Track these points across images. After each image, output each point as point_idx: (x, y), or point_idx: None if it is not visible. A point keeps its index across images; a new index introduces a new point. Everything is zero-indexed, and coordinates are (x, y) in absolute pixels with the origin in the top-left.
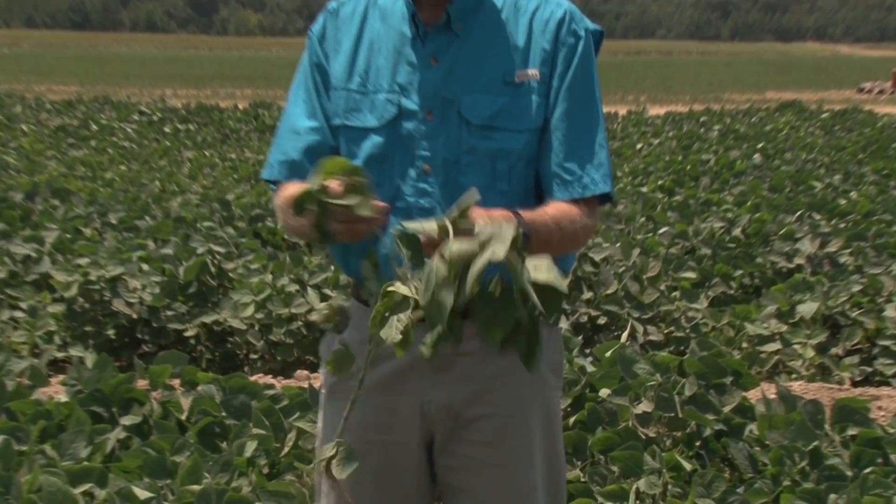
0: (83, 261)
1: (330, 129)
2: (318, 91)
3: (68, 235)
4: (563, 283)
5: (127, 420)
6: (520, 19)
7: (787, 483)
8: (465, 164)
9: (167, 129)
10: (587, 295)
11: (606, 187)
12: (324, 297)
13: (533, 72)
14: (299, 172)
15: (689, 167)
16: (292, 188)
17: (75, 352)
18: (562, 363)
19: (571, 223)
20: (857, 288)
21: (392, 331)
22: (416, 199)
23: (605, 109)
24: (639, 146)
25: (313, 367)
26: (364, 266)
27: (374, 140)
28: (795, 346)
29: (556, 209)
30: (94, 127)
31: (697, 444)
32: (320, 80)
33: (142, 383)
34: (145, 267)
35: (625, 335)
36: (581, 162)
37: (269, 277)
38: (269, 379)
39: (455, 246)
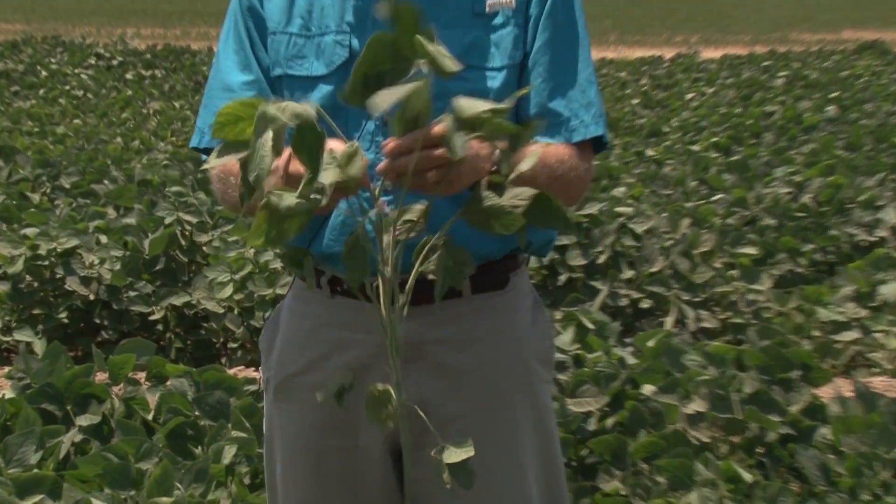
0: (30, 231)
1: (269, 81)
2: (252, 39)
3: (13, 202)
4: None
5: (84, 420)
6: None
7: (866, 497)
8: (438, 111)
9: (129, 76)
10: (627, 274)
11: (599, 129)
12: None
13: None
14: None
15: (749, 121)
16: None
17: (22, 337)
18: (552, 352)
19: (560, 162)
20: None
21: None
22: (375, 157)
23: (649, 51)
24: (689, 96)
25: None
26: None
27: (323, 90)
28: (877, 335)
29: (539, 146)
30: (43, 73)
31: (759, 450)
32: (253, 26)
33: (101, 377)
34: (104, 239)
35: (671, 321)
36: (567, 101)
37: (250, 252)
38: (250, 372)
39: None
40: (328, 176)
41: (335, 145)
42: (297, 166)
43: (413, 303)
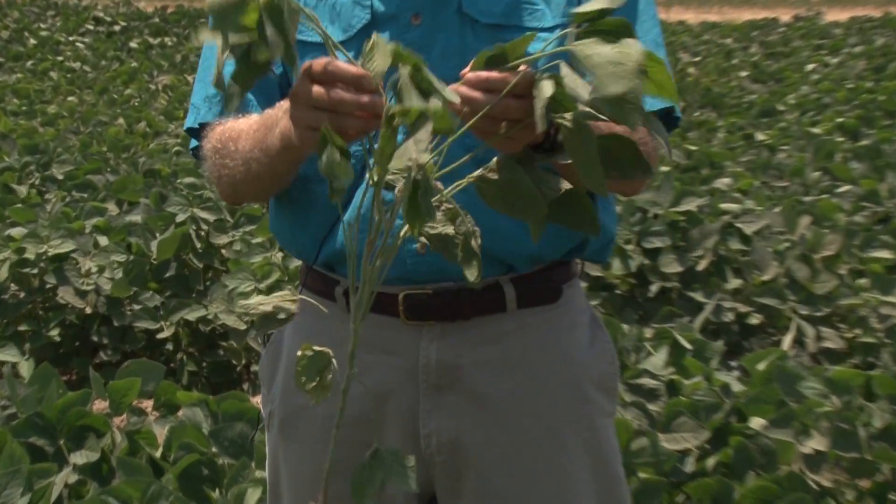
0: (16, 231)
1: None
2: None
3: None
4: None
5: (80, 457)
6: None
7: None
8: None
9: (134, 45)
10: (733, 283)
11: (666, 101)
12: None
13: None
14: (240, 108)
15: (882, 98)
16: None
17: (6, 357)
18: (615, 378)
19: (627, 131)
20: None
21: (412, 152)
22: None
23: (761, 13)
24: (809, 67)
25: None
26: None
27: (340, 58)
28: None
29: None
30: (32, 41)
31: (892, 496)
32: None
33: (100, 405)
34: (103, 241)
35: (787, 340)
36: None
37: (277, 256)
38: None
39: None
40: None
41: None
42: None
43: (446, 318)
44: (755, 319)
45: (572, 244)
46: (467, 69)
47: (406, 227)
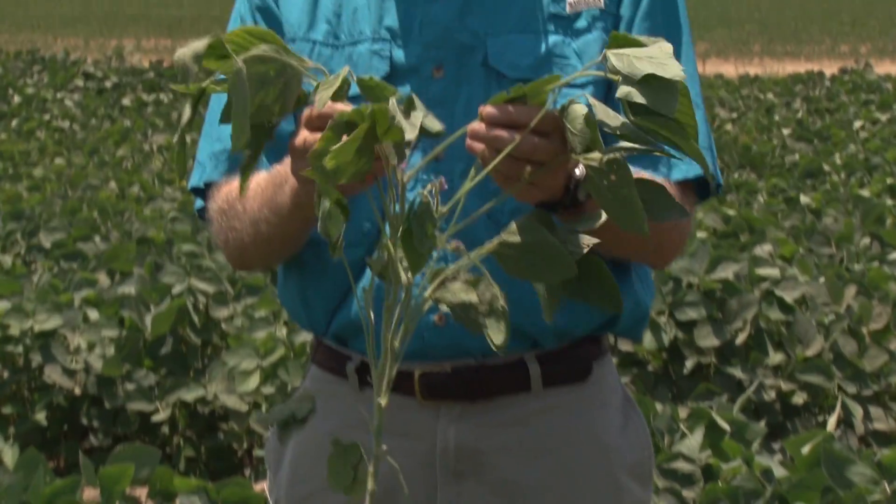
0: (0, 306)
1: None
2: None
3: None
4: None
5: None
6: None
7: None
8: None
9: (127, 102)
10: (775, 358)
11: (699, 174)
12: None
13: None
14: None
15: None
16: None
17: None
18: (650, 463)
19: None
20: None
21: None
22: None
23: (805, 66)
24: (857, 125)
25: None
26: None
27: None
28: None
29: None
30: (16, 98)
31: None
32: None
33: (90, 493)
34: (93, 315)
35: (833, 421)
36: None
37: (281, 330)
38: None
39: None
40: (435, 124)
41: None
42: (306, 137)
43: (466, 397)
44: (799, 398)
45: (602, 318)
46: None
47: (429, 292)
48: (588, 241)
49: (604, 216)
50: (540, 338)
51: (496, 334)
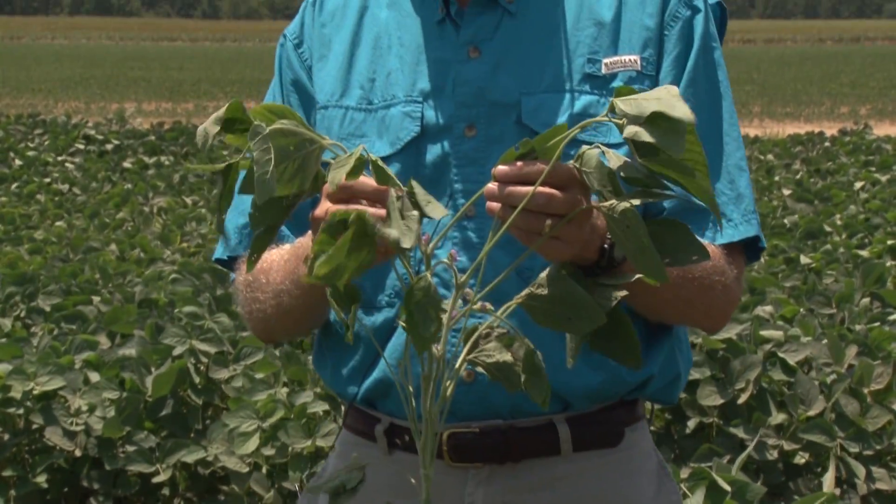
0: (0, 369)
1: None
2: None
3: None
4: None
5: None
6: None
7: None
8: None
9: (128, 165)
10: (777, 418)
11: (751, 229)
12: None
13: (630, 58)
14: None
15: None
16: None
17: None
18: None
19: (705, 269)
20: None
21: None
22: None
23: (804, 127)
24: (857, 185)
25: None
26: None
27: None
28: None
29: None
30: (17, 162)
31: None
32: (297, 103)
33: None
34: (94, 377)
35: (828, 479)
36: (717, 195)
37: (282, 392)
38: None
39: None
40: (437, 210)
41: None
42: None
43: (495, 460)
44: (801, 458)
45: (633, 380)
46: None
47: (462, 356)
48: (617, 293)
49: (637, 273)
50: (570, 398)
51: (537, 392)
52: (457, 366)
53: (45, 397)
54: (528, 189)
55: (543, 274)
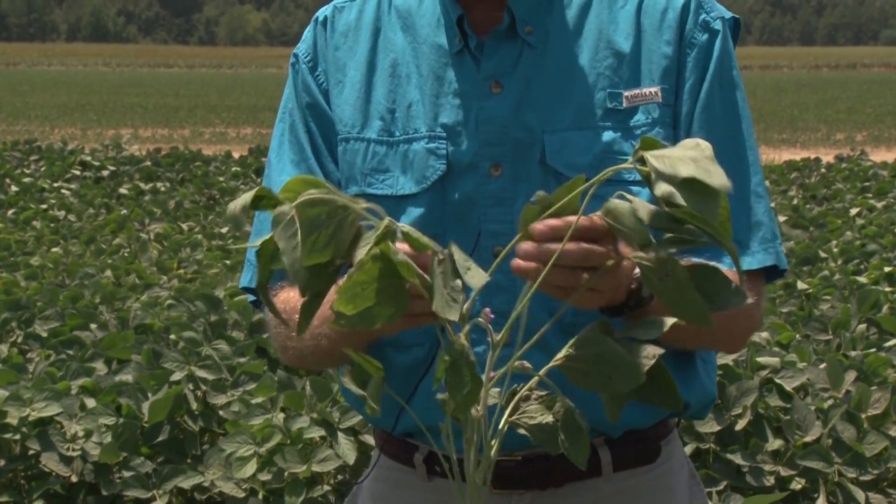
0: None
1: None
2: (316, 147)
3: None
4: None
5: None
6: (620, 13)
7: None
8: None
9: (124, 191)
10: (774, 444)
11: (768, 258)
12: (361, 446)
13: (652, 90)
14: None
15: None
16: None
17: None
18: None
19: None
20: None
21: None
22: (482, 299)
23: (800, 153)
24: (853, 212)
25: None
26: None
27: (413, 213)
28: None
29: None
30: (13, 188)
31: None
32: (317, 129)
33: None
34: (90, 403)
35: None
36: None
37: (279, 417)
38: None
39: None
40: (476, 278)
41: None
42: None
43: (537, 486)
44: (798, 483)
45: (665, 413)
46: (516, 239)
47: (504, 418)
48: (653, 351)
49: (669, 321)
50: (608, 432)
51: (577, 453)
52: (500, 426)
53: (42, 423)
54: (568, 245)
55: (579, 335)
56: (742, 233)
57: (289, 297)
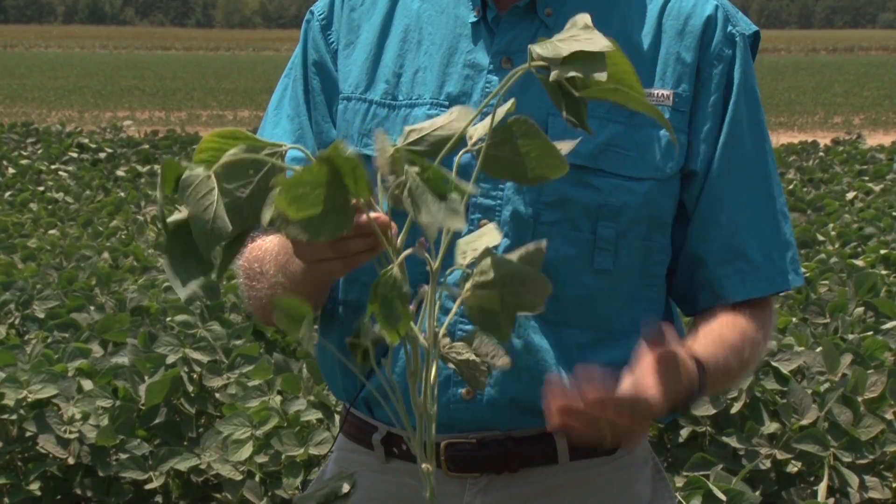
0: None
1: None
2: (313, 104)
3: None
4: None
5: None
6: (644, 11)
7: None
8: (549, 224)
9: (121, 173)
10: (770, 427)
11: (798, 279)
12: None
13: (664, 93)
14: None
15: None
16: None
17: None
18: None
19: (753, 346)
20: None
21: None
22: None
23: (797, 137)
24: (850, 195)
25: None
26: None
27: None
28: None
29: (733, 331)
30: (10, 170)
31: None
32: (319, 88)
33: None
34: (87, 385)
35: (822, 489)
36: (762, 242)
37: (276, 400)
38: None
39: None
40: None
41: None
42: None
43: (492, 470)
44: (794, 467)
45: None
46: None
47: (442, 331)
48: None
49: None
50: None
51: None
52: (439, 343)
53: (39, 405)
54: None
55: (481, 264)
56: (778, 255)
57: (253, 247)
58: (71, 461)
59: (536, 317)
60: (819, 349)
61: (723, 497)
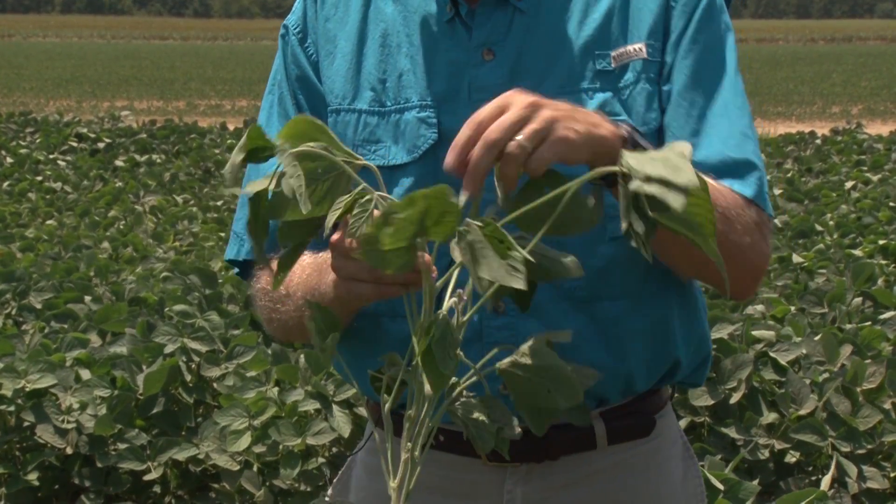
0: None
1: None
2: None
3: None
4: None
5: None
6: None
7: None
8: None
9: (119, 163)
10: (768, 417)
11: (755, 194)
12: (356, 419)
13: (636, 47)
14: None
15: None
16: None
17: None
18: None
19: (738, 208)
20: None
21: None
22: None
23: (796, 127)
24: (848, 185)
25: None
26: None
27: (405, 183)
28: None
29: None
30: (8, 160)
31: None
32: (305, 102)
33: None
34: (85, 375)
35: (826, 480)
36: (720, 154)
37: (273, 391)
38: None
39: None
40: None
41: None
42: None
43: (532, 458)
44: (792, 457)
45: (665, 368)
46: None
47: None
48: (593, 372)
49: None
50: (606, 394)
51: (484, 445)
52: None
53: (37, 395)
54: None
55: (527, 345)
56: (732, 169)
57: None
58: (69, 451)
59: (566, 297)
60: (817, 339)
61: (721, 487)
